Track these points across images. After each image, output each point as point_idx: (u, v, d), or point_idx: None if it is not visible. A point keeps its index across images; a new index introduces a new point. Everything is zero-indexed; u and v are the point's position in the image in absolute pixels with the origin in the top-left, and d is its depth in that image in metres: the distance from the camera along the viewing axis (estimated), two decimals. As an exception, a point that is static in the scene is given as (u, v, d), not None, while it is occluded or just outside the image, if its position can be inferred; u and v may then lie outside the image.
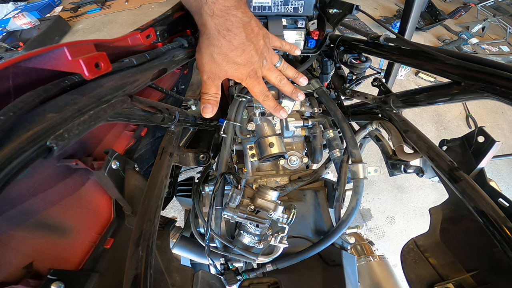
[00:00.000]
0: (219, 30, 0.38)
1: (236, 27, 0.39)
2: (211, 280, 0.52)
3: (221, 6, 0.37)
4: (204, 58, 0.44)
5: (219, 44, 0.40)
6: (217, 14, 0.37)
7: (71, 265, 0.36)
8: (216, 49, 0.41)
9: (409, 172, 0.57)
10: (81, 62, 0.26)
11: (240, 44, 0.41)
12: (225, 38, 0.39)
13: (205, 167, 0.68)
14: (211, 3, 0.36)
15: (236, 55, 0.42)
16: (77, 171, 0.38)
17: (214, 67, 0.44)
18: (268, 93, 0.52)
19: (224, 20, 0.38)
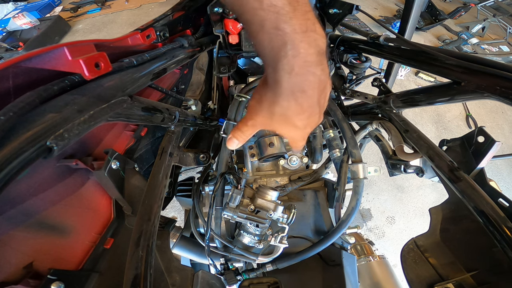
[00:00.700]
0: (293, 91, 0.32)
1: (311, 88, 0.33)
2: (211, 280, 0.52)
3: (301, 62, 0.31)
4: (261, 111, 0.38)
5: (287, 105, 0.34)
6: (296, 71, 0.31)
7: (71, 265, 0.36)
8: (281, 109, 0.35)
9: (409, 172, 0.57)
10: (81, 62, 0.26)
11: (309, 107, 0.35)
12: (297, 100, 0.33)
13: (205, 167, 0.68)
14: (291, 57, 0.30)
15: (300, 119, 0.36)
16: (77, 171, 0.38)
17: (268, 123, 0.39)
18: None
19: (303, 80, 0.32)
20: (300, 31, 0.29)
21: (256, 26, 0.29)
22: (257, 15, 0.28)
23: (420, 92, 0.55)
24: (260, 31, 0.30)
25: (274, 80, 0.33)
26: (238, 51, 0.77)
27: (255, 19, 0.29)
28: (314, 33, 0.30)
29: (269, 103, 0.36)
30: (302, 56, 0.30)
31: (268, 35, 0.30)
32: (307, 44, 0.30)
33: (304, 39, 0.30)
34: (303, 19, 0.29)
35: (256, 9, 0.28)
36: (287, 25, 0.29)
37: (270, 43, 0.30)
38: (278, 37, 0.29)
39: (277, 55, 0.31)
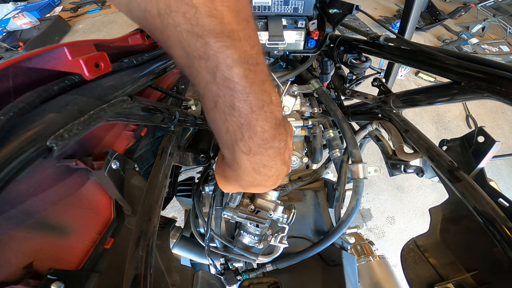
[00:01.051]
0: (254, 168, 0.31)
1: (273, 159, 0.31)
2: (211, 280, 0.52)
3: (259, 141, 0.28)
4: (229, 185, 0.38)
5: (252, 179, 0.33)
6: (254, 151, 0.29)
7: (71, 265, 0.36)
8: (247, 183, 0.34)
9: (409, 172, 0.57)
10: (81, 62, 0.26)
11: (275, 172, 0.33)
12: (260, 173, 0.32)
13: (205, 167, 0.68)
14: (247, 139, 0.28)
15: (269, 183, 0.35)
16: (77, 171, 0.38)
17: (240, 190, 0.39)
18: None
19: (261, 157, 0.30)
20: (257, 109, 0.26)
21: (209, 103, 0.26)
22: (210, 89, 0.25)
23: (420, 92, 0.55)
24: (214, 109, 0.26)
25: (233, 160, 0.31)
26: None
27: (208, 94, 0.25)
28: (271, 105, 0.27)
29: (234, 179, 0.35)
30: (259, 135, 0.28)
31: (222, 115, 0.26)
32: (264, 121, 0.27)
33: (261, 116, 0.27)
34: (260, 92, 0.26)
35: (208, 82, 0.24)
36: (243, 104, 0.25)
37: (225, 124, 0.27)
38: (233, 118, 0.26)
39: (233, 137, 0.28)
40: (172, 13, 0.21)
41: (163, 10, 0.21)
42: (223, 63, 0.23)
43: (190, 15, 0.21)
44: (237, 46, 0.23)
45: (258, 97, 0.26)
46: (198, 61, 0.23)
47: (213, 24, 0.21)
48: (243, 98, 0.25)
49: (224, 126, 0.27)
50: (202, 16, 0.21)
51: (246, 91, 0.25)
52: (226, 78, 0.23)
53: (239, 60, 0.23)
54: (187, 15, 0.21)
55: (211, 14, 0.21)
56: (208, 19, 0.21)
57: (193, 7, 0.20)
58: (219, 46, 0.22)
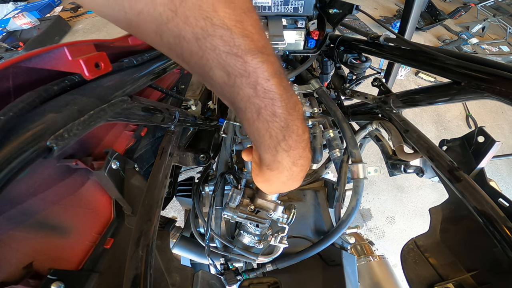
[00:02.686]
0: (294, 162, 0.34)
1: (305, 150, 0.35)
2: (211, 280, 0.52)
3: (295, 137, 0.32)
4: (272, 187, 0.40)
5: (291, 173, 0.36)
6: (293, 147, 0.33)
7: (71, 265, 0.36)
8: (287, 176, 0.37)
9: (409, 172, 0.57)
10: (81, 62, 0.26)
11: (307, 161, 0.37)
12: (298, 165, 0.35)
13: (205, 167, 0.68)
14: (288, 138, 0.31)
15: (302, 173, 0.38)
16: (77, 171, 0.38)
17: (283, 188, 0.41)
18: None
19: (298, 151, 0.33)
20: (292, 110, 0.30)
21: (252, 114, 0.28)
22: (253, 103, 0.27)
23: (420, 92, 0.55)
24: (256, 119, 0.29)
25: (274, 161, 0.34)
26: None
27: (250, 107, 0.28)
28: (299, 103, 0.31)
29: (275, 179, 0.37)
30: (295, 132, 0.31)
31: (265, 123, 0.29)
32: (297, 119, 0.31)
33: (295, 116, 0.30)
34: (291, 96, 0.29)
35: (250, 97, 0.27)
36: (282, 110, 0.28)
37: (268, 130, 0.30)
38: (275, 123, 0.29)
39: (275, 140, 0.31)
40: (209, 37, 0.22)
41: (200, 34, 0.22)
42: (262, 77, 0.25)
43: (227, 37, 0.22)
44: (269, 60, 0.25)
45: (291, 100, 0.29)
46: (239, 78, 0.25)
47: (247, 43, 0.23)
48: (282, 104, 0.28)
49: (267, 132, 0.30)
50: (237, 37, 0.23)
51: (283, 98, 0.28)
52: (266, 90, 0.26)
53: (273, 72, 0.26)
54: (224, 38, 0.22)
55: (244, 34, 0.23)
56: (243, 39, 0.23)
57: (228, 29, 0.22)
58: (256, 62, 0.24)
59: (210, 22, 0.21)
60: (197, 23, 0.21)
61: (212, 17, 0.21)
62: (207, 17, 0.21)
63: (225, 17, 0.22)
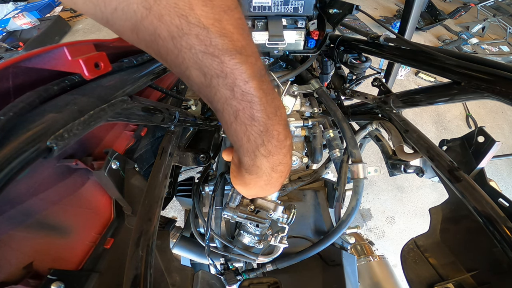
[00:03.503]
0: (273, 168, 0.33)
1: (286, 156, 0.34)
2: (211, 280, 0.52)
3: (276, 143, 0.31)
4: (250, 191, 0.40)
5: (269, 178, 0.35)
6: (273, 153, 0.32)
7: (71, 265, 0.36)
8: (265, 181, 0.36)
9: (409, 172, 0.57)
10: (81, 62, 0.26)
11: (287, 168, 0.36)
12: (277, 172, 0.35)
13: (205, 167, 0.68)
14: (267, 143, 0.30)
15: (282, 179, 0.38)
16: (77, 171, 0.38)
17: (261, 193, 0.41)
18: None
19: (278, 157, 0.33)
20: (272, 115, 0.28)
21: (230, 117, 0.27)
22: (230, 105, 0.26)
23: (420, 92, 0.55)
24: (234, 122, 0.28)
25: (253, 166, 0.33)
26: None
27: (227, 109, 0.27)
28: (281, 108, 0.30)
29: (254, 183, 0.36)
30: (275, 138, 0.30)
31: (243, 126, 0.28)
32: (278, 124, 0.30)
33: (275, 121, 0.29)
34: (272, 100, 0.28)
35: (227, 98, 0.25)
36: (261, 114, 0.27)
37: (246, 134, 0.29)
38: (254, 127, 0.28)
39: (254, 145, 0.30)
40: (185, 36, 0.21)
41: (175, 32, 0.21)
42: (240, 78, 0.24)
43: (203, 37, 0.21)
44: (248, 61, 0.24)
45: (272, 105, 0.28)
46: (216, 79, 0.24)
47: (225, 43, 0.22)
48: (261, 108, 0.27)
49: (245, 136, 0.29)
50: (214, 36, 0.22)
51: (262, 101, 0.26)
52: (244, 93, 0.25)
53: (252, 74, 0.25)
54: (200, 37, 0.21)
55: (222, 34, 0.22)
56: (220, 39, 0.22)
57: (205, 28, 0.21)
58: (234, 63, 0.23)
59: (186, 20, 0.21)
60: (172, 21, 0.20)
61: (188, 15, 0.20)
62: (183, 15, 0.20)
63: (201, 15, 0.21)
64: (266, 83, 0.27)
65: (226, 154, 0.43)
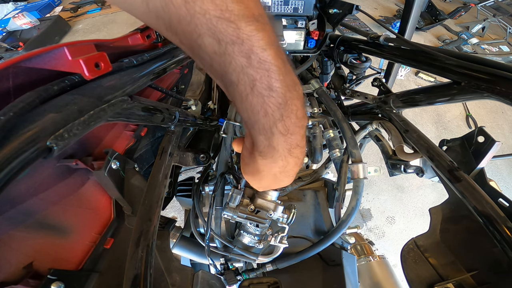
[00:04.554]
0: (290, 149, 0.30)
1: (303, 139, 0.31)
2: (211, 280, 0.52)
3: (294, 119, 0.28)
4: (264, 181, 0.36)
5: (285, 163, 0.32)
6: (291, 131, 0.28)
7: (71, 265, 0.36)
8: (281, 168, 0.33)
9: (409, 172, 0.57)
10: (81, 62, 0.26)
11: (302, 154, 0.33)
12: (293, 155, 0.31)
13: (205, 167, 0.68)
14: (285, 119, 0.27)
15: (297, 168, 0.34)
16: (77, 171, 0.38)
17: (274, 184, 0.37)
18: None
19: (296, 137, 0.29)
20: (291, 87, 0.26)
21: (245, 87, 0.25)
22: (246, 73, 0.24)
23: (420, 92, 0.55)
24: (250, 93, 0.25)
25: (269, 146, 0.30)
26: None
27: (243, 79, 0.24)
28: (299, 85, 0.28)
29: (267, 169, 0.33)
30: (294, 114, 0.27)
31: (260, 98, 0.25)
32: (297, 99, 0.27)
33: (295, 95, 0.27)
34: (291, 72, 0.26)
35: (244, 67, 0.23)
36: (280, 84, 0.25)
37: (263, 106, 0.26)
38: (272, 99, 0.25)
39: (271, 119, 0.27)
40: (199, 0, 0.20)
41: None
42: (257, 45, 0.23)
43: (219, 1, 0.20)
44: (265, 29, 0.23)
45: (291, 77, 0.26)
46: (231, 46, 0.22)
47: (241, 9, 0.21)
48: (279, 77, 0.25)
49: (262, 109, 0.26)
50: (230, 1, 0.21)
51: (281, 70, 0.25)
52: (261, 60, 0.23)
53: (269, 42, 0.23)
54: (216, 1, 0.20)
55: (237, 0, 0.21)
56: (237, 4, 0.21)
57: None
58: (251, 30, 0.22)
59: None
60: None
61: None
62: None
63: None
64: (283, 54, 0.25)
65: (236, 144, 0.41)
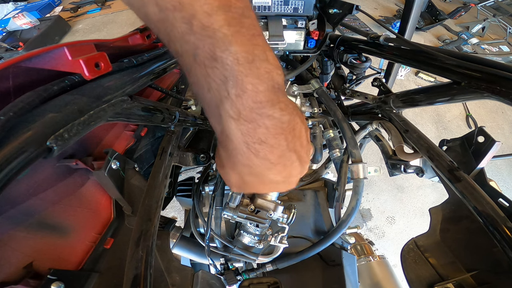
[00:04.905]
0: (248, 143, 0.25)
1: (273, 135, 0.25)
2: (211, 280, 0.52)
3: (250, 103, 0.23)
4: (231, 178, 0.31)
5: (250, 163, 0.27)
6: (245, 116, 0.24)
7: (71, 265, 0.36)
8: (247, 169, 0.28)
9: (409, 172, 0.57)
10: (81, 62, 0.26)
11: (280, 158, 0.27)
12: (258, 155, 0.26)
13: (205, 167, 0.68)
14: (235, 98, 0.23)
15: (275, 173, 0.28)
16: (77, 171, 0.38)
17: (246, 188, 0.33)
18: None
19: (255, 127, 0.24)
20: (245, 62, 0.22)
21: (188, 58, 0.23)
22: (187, 41, 0.21)
23: (420, 92, 0.55)
24: (193, 64, 0.23)
25: (222, 133, 0.26)
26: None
27: (185, 47, 0.22)
28: (266, 62, 0.23)
29: (231, 167, 0.29)
30: (249, 94, 0.23)
31: (203, 69, 0.22)
32: (256, 78, 0.23)
33: (252, 72, 0.23)
34: (249, 44, 0.22)
35: (184, 33, 0.21)
36: (226, 54, 0.21)
37: (207, 80, 0.23)
38: (216, 70, 0.22)
39: (218, 96, 0.23)
40: None
41: None
42: (200, 10, 0.20)
43: None
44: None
45: (246, 49, 0.22)
46: (172, 12, 0.20)
47: None
48: (225, 47, 0.21)
49: (206, 83, 0.23)
50: None
51: (228, 39, 0.21)
52: (204, 26, 0.21)
53: (219, 6, 0.20)
54: None
55: None
56: None
57: None
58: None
59: None
60: None
61: None
62: None
63: None
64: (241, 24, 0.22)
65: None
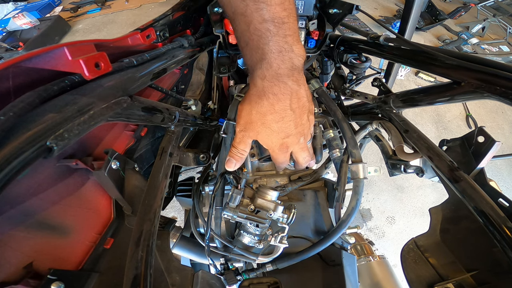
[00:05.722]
0: (265, 91, 0.39)
1: (282, 93, 0.39)
2: (211, 280, 0.52)
3: (272, 73, 0.38)
4: (244, 110, 0.44)
5: (261, 103, 0.40)
6: (268, 78, 0.38)
7: (71, 265, 0.36)
8: (257, 106, 0.41)
9: (409, 172, 0.57)
10: (81, 62, 0.26)
11: (281, 110, 0.40)
12: (269, 100, 0.40)
13: (205, 167, 0.68)
14: (264, 69, 0.38)
15: (273, 120, 0.41)
16: (77, 171, 0.38)
17: (248, 122, 0.44)
18: (286, 165, 0.54)
19: (272, 85, 0.39)
20: (276, 51, 0.37)
21: (243, 43, 0.39)
22: (244, 35, 0.37)
23: (420, 92, 0.55)
24: (245, 47, 0.39)
25: (252, 83, 0.41)
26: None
27: (243, 38, 0.38)
28: (291, 53, 0.38)
29: (248, 102, 0.43)
30: (273, 69, 0.38)
31: (251, 51, 0.38)
32: (281, 61, 0.38)
33: (278, 58, 0.37)
34: (282, 41, 0.37)
35: (244, 31, 0.37)
36: (265, 46, 0.37)
37: (252, 57, 0.39)
38: (257, 54, 0.38)
39: (255, 66, 0.39)
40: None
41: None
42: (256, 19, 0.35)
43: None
44: (269, 9, 0.34)
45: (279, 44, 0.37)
46: (238, 16, 0.36)
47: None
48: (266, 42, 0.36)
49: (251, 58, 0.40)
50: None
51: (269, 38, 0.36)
52: (256, 29, 0.36)
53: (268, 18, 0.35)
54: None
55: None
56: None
57: None
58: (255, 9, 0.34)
59: None
60: None
61: None
62: None
63: None
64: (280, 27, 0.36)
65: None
